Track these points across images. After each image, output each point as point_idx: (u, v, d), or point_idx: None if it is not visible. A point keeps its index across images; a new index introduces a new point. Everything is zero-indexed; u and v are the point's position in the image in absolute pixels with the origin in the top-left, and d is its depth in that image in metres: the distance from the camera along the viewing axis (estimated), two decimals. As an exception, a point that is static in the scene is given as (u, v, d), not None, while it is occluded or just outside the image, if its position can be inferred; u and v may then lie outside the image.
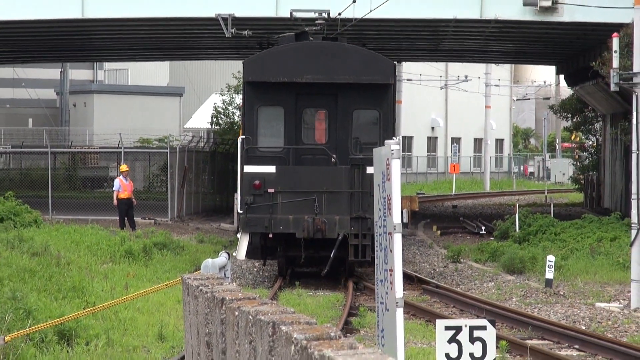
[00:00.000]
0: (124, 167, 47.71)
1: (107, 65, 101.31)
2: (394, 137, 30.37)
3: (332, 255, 30.37)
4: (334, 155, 31.27)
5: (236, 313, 4.10)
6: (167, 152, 58.01)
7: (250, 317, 3.88)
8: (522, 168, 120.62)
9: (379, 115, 31.75)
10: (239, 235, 31.59)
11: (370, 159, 25.93)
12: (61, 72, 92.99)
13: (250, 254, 31.79)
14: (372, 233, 25.68)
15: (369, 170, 28.60)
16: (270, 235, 31.20)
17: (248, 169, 31.05)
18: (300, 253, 31.42)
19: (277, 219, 30.89)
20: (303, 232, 30.71)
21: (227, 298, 4.40)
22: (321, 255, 31.49)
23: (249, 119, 31.78)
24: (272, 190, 30.93)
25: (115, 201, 46.26)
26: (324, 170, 31.35)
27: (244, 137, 31.40)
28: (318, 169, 31.39)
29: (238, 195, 31.58)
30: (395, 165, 11.98)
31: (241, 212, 31.13)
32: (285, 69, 31.26)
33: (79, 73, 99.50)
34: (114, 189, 46.80)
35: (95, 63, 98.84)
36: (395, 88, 32.99)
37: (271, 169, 31.03)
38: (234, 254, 30.35)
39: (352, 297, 29.55)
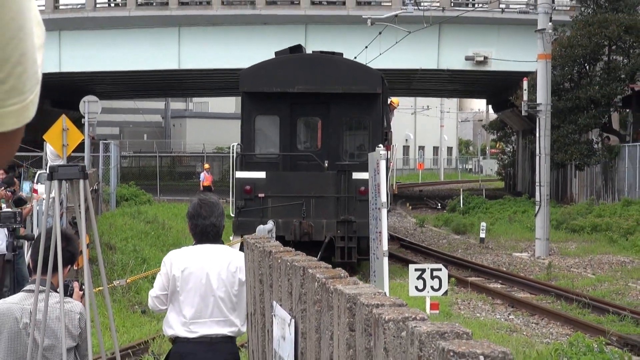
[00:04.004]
0: (206, 166, 47.99)
1: (195, 99, 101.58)
2: (379, 145, 23.62)
3: (318, 257, 21.51)
4: (326, 161, 22.92)
5: (279, 260, 4.10)
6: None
7: (288, 263, 3.87)
8: (464, 166, 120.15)
9: (369, 123, 23.51)
10: (232, 238, 22.40)
11: (356, 164, 22.11)
12: (165, 103, 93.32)
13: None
14: (357, 235, 21.89)
15: (355, 175, 22.08)
16: None
17: (240, 174, 23.00)
18: None
19: (267, 222, 22.08)
20: (291, 235, 22.43)
21: (273, 251, 4.40)
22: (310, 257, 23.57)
23: (247, 127, 23.79)
24: (262, 195, 22.70)
25: (200, 187, 46.55)
26: (311, 176, 22.89)
27: (235, 144, 24.08)
28: (306, 174, 22.95)
29: (231, 200, 23.18)
30: (382, 164, 11.96)
31: (233, 215, 22.79)
32: (278, 79, 23.13)
33: (176, 104, 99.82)
34: (200, 179, 47.08)
35: (187, 98, 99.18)
36: (385, 98, 25.07)
37: (261, 174, 22.72)
38: None
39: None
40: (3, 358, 5.75)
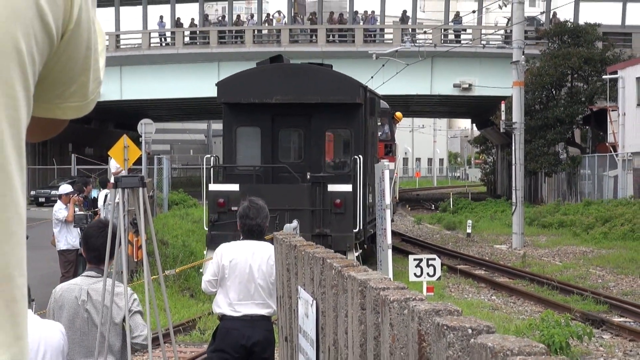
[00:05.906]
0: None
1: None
2: (359, 155, 18.15)
3: None
4: (308, 174, 18.31)
5: (302, 253, 4.12)
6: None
7: (310, 254, 3.90)
8: (453, 174, 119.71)
9: (350, 134, 18.80)
10: (205, 253, 18.08)
11: (331, 176, 18.48)
12: (207, 124, 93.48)
13: None
14: (334, 251, 18.35)
15: (331, 187, 17.81)
16: None
17: (213, 187, 18.63)
18: None
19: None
20: None
21: (298, 245, 4.42)
22: None
23: (228, 139, 19.44)
24: (236, 209, 13.56)
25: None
26: (286, 188, 18.06)
27: (208, 156, 20.20)
28: (280, 186, 18.19)
29: (205, 213, 19.20)
30: (386, 173, 11.97)
31: (207, 229, 18.55)
32: (255, 90, 18.59)
33: (216, 125, 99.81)
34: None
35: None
36: (369, 109, 19.66)
37: (235, 187, 17.91)
38: (201, 271, 16.53)
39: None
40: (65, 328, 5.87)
